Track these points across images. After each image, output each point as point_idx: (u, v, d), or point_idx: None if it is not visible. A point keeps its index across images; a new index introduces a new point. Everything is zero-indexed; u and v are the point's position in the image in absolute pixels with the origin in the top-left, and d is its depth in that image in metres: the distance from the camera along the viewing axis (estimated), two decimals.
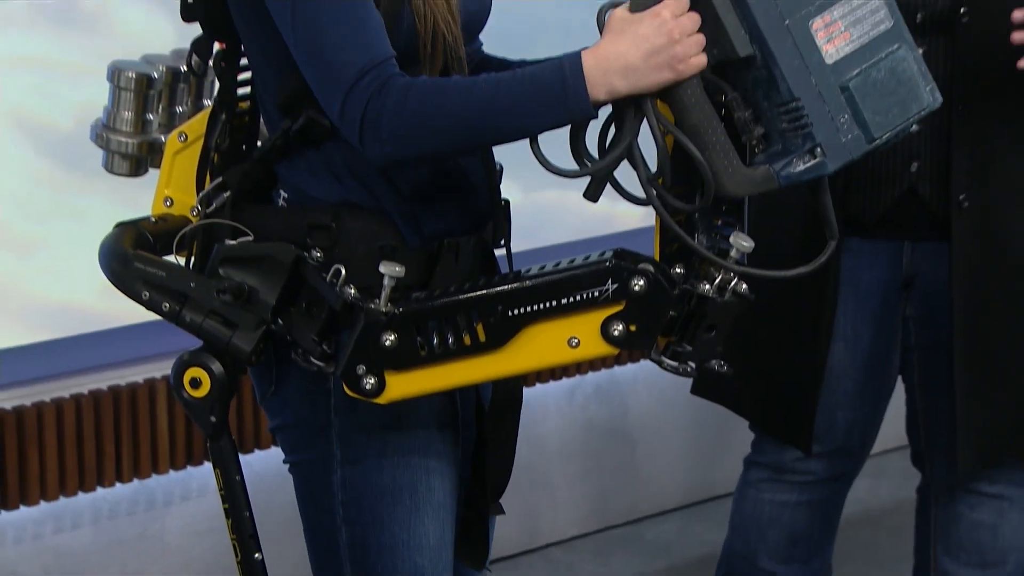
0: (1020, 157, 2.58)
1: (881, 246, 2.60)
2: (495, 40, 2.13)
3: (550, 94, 1.85)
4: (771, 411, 2.75)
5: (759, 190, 1.87)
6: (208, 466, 3.08)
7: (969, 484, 2.67)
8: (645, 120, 1.90)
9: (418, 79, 1.87)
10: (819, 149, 1.83)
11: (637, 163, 1.86)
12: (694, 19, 1.84)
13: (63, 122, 2.96)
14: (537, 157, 1.87)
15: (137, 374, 3.11)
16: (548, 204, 3.52)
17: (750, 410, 2.79)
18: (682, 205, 1.88)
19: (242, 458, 2.06)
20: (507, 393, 2.09)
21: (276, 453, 2.14)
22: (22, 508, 3.02)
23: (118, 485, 3.11)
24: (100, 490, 3.11)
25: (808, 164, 1.84)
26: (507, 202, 2.11)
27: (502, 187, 2.13)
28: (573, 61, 1.84)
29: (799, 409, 2.65)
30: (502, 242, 2.10)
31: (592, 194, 1.88)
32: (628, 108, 1.86)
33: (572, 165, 1.92)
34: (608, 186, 1.94)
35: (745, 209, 1.95)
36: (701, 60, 1.84)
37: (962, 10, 2.43)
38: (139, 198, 2.18)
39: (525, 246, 2.10)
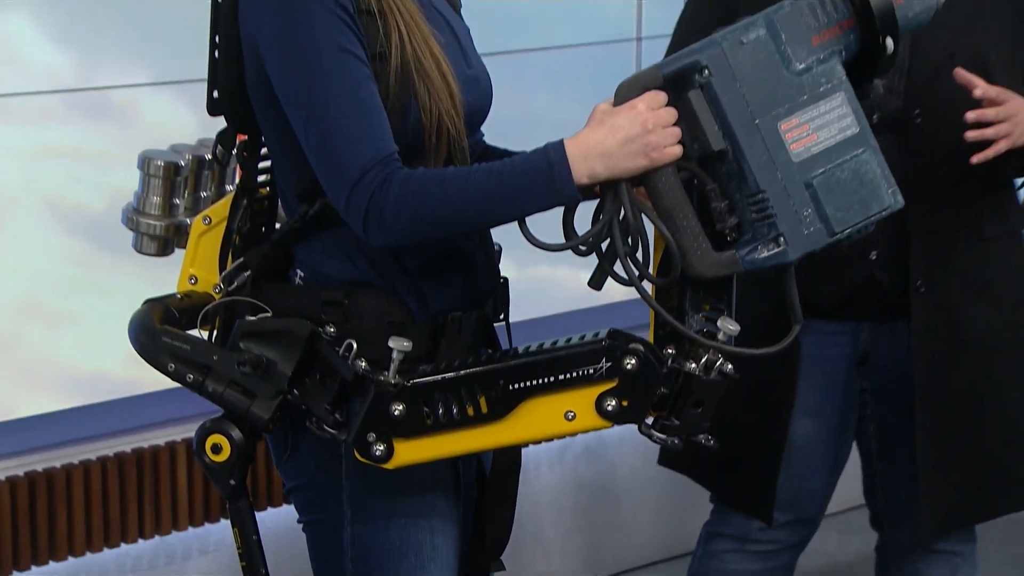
0: (974, 247, 2.56)
1: (840, 327, 2.59)
2: (494, 132, 2.14)
3: (538, 180, 1.86)
4: (734, 484, 2.69)
5: (724, 272, 1.87)
6: (225, 522, 3.11)
7: (926, 544, 2.66)
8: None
9: (417, 171, 1.87)
10: (782, 238, 1.83)
11: (616, 240, 1.86)
12: (671, 113, 1.85)
13: (94, 205, 2.95)
14: (524, 234, 1.88)
15: (159, 438, 3.11)
16: (540, 278, 3.52)
17: (713, 482, 2.74)
18: (653, 279, 1.89)
19: (256, 515, 2.05)
20: (507, 459, 2.07)
21: (289, 510, 2.14)
22: (51, 563, 3.01)
23: (140, 541, 3.10)
24: (124, 546, 3.10)
25: (771, 251, 1.84)
26: (506, 280, 2.11)
27: (500, 266, 2.13)
28: (557, 148, 1.85)
29: (762, 481, 2.61)
30: (501, 316, 2.10)
31: (595, 283, 1.90)
32: (608, 191, 1.86)
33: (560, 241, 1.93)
34: (597, 260, 1.92)
35: (733, 295, 1.93)
36: (675, 151, 1.85)
37: (916, 111, 2.44)
38: (165, 275, 2.19)
39: (519, 317, 2.12)
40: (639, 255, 1.92)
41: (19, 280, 2.91)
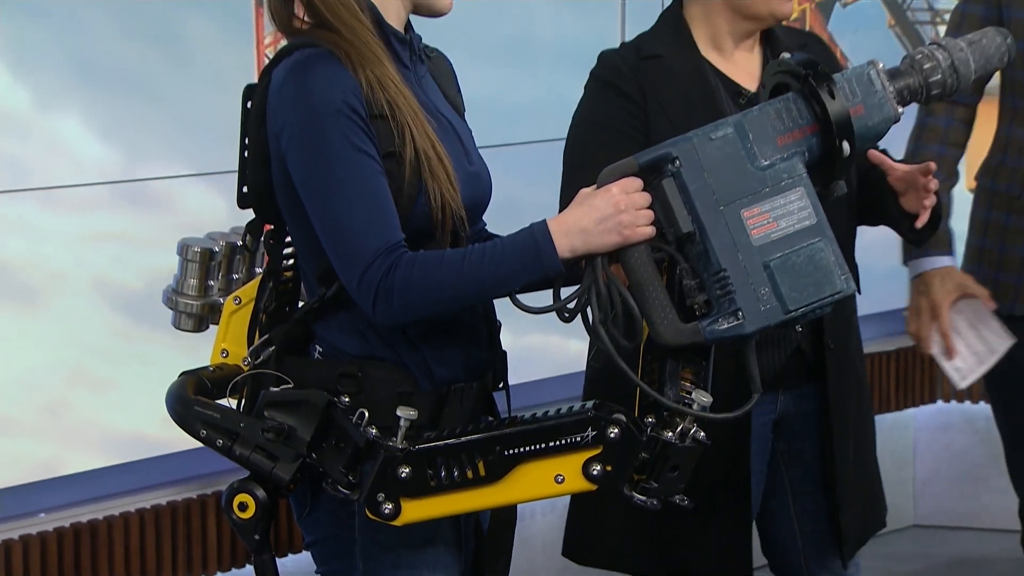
0: (855, 309, 2.57)
1: (766, 397, 2.50)
2: (491, 213, 2.14)
3: (527, 257, 1.87)
4: (706, 549, 2.52)
5: (687, 341, 1.86)
6: (250, 568, 3.12)
7: (837, 572, 2.62)
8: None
9: (419, 255, 1.88)
10: (740, 313, 1.83)
11: (593, 307, 1.86)
12: (644, 197, 1.87)
13: (135, 284, 2.94)
14: (512, 301, 1.89)
15: (191, 491, 3.09)
16: (534, 346, 3.52)
17: (656, 563, 2.54)
18: (624, 342, 1.87)
19: (278, 562, 2.03)
20: (504, 513, 2.05)
21: (308, 557, 2.11)
22: None
23: None
24: None
25: (730, 324, 1.84)
26: (505, 353, 2.10)
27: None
28: (541, 227, 1.87)
29: (737, 544, 2.52)
30: (500, 386, 2.09)
31: (594, 359, 1.93)
32: (588, 264, 1.88)
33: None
34: (583, 327, 1.90)
35: (709, 369, 1.93)
36: (646, 231, 1.86)
37: (843, 186, 2.40)
38: (199, 347, 2.19)
39: (515, 380, 2.13)
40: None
41: (68, 350, 2.92)
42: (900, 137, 2.96)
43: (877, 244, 2.80)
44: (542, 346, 3.55)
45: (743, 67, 2.53)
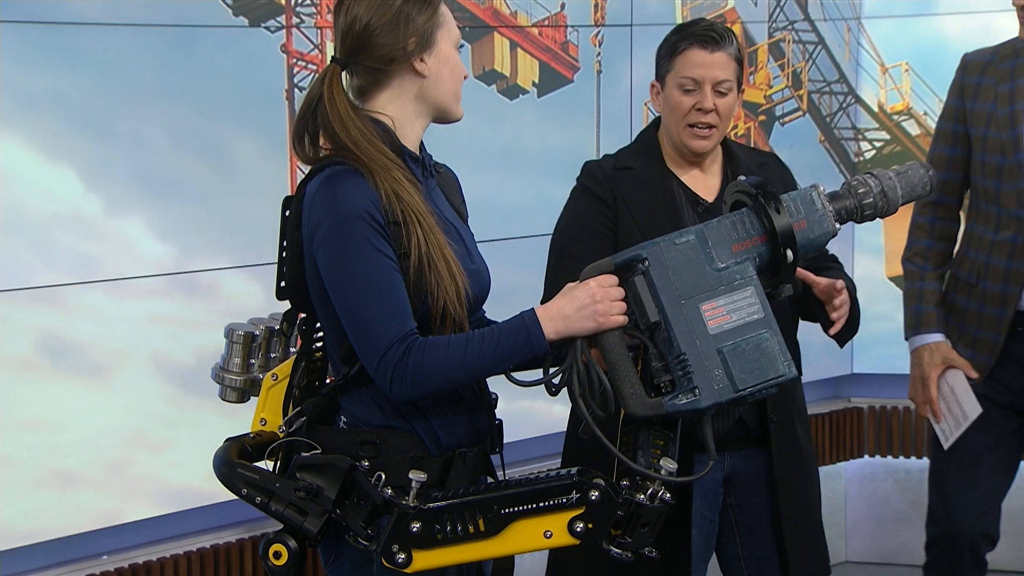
0: (796, 388, 2.56)
1: (719, 457, 2.50)
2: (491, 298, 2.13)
3: (519, 340, 1.88)
4: None
5: (651, 413, 1.86)
6: None
7: None
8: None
9: (429, 340, 1.87)
10: (697, 391, 1.84)
11: (572, 382, 1.87)
12: (618, 291, 1.88)
13: (186, 360, 2.95)
14: (507, 377, 1.91)
15: (232, 536, 3.08)
16: (522, 409, 3.46)
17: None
18: (598, 411, 1.87)
19: None
20: (502, 562, 2.03)
21: None
22: None
23: None
24: None
25: (688, 400, 1.84)
26: (501, 421, 2.08)
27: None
28: (530, 314, 1.89)
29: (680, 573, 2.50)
30: (497, 450, 2.08)
31: (583, 431, 1.88)
32: (569, 345, 1.89)
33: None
34: (567, 397, 1.91)
35: (676, 440, 1.91)
36: (618, 319, 1.87)
37: (768, 290, 2.36)
38: (240, 415, 2.19)
39: (507, 439, 2.09)
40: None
41: (129, 416, 2.90)
42: None
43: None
44: (530, 410, 3.50)
45: (702, 181, 2.54)
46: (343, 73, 1.99)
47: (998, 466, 2.82)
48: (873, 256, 4.12)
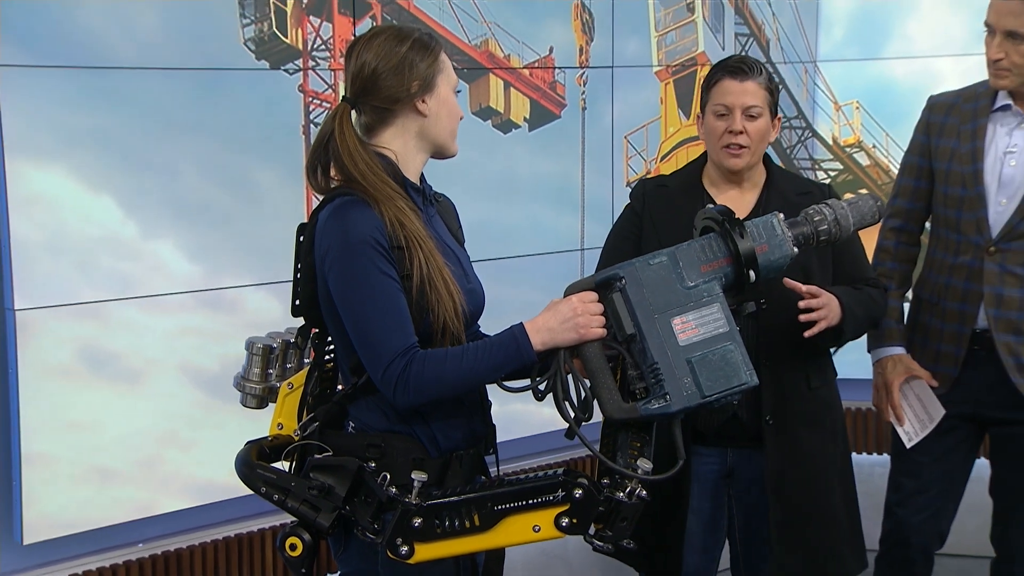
0: (803, 393, 2.52)
1: (715, 451, 2.53)
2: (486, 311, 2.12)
3: (509, 351, 1.88)
4: (657, 562, 2.57)
5: (626, 416, 1.85)
6: None
7: None
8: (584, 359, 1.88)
9: (428, 353, 1.87)
10: (668, 396, 1.83)
11: (556, 388, 1.87)
12: (597, 306, 1.88)
13: (212, 368, 2.94)
14: (499, 385, 1.91)
15: (253, 526, 3.07)
16: (515, 411, 3.42)
17: (636, 562, 2.61)
18: (580, 414, 1.87)
19: None
20: (495, 551, 2.03)
21: None
22: None
23: None
24: None
25: (659, 405, 1.84)
26: (494, 426, 2.07)
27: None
28: (519, 327, 1.89)
29: (671, 558, 2.54)
30: (491, 451, 2.07)
31: (569, 433, 1.88)
32: (553, 355, 1.89)
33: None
34: (554, 402, 1.89)
35: (652, 442, 1.90)
36: (597, 331, 1.86)
37: (763, 303, 2.38)
38: (259, 418, 2.19)
39: (501, 438, 2.11)
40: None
41: (161, 419, 2.89)
42: None
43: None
44: (524, 412, 3.46)
45: (736, 200, 2.51)
46: (352, 111, 1.99)
47: (951, 471, 2.79)
48: None
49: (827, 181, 4.16)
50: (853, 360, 3.12)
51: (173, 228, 2.89)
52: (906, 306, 2.88)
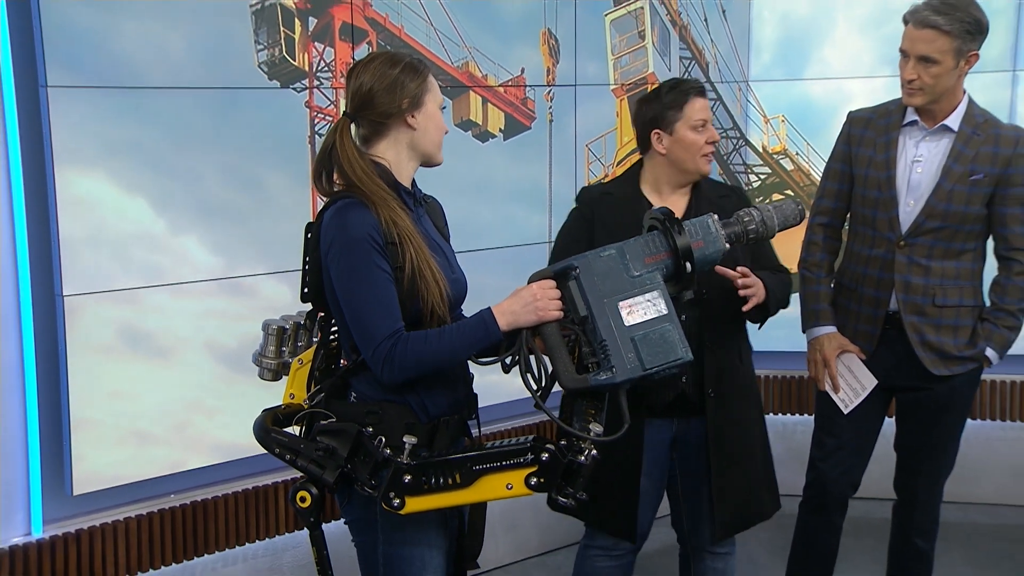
0: (737, 367, 2.53)
1: (664, 422, 2.52)
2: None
3: (479, 331, 1.87)
4: (611, 519, 2.55)
5: (579, 387, 1.83)
6: (302, 532, 3.03)
7: (713, 547, 2.61)
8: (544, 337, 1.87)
9: (411, 335, 1.86)
10: (614, 369, 1.81)
11: (522, 361, 1.86)
12: (555, 292, 1.86)
13: (232, 345, 2.93)
14: (472, 360, 1.90)
15: (268, 480, 3.08)
16: (492, 382, 3.40)
17: (591, 518, 2.58)
18: (535, 383, 1.84)
19: (325, 528, 2.00)
20: (478, 504, 2.03)
21: (347, 531, 2.09)
22: (205, 556, 2.99)
23: (258, 541, 3.08)
24: (255, 543, 3.07)
25: (607, 376, 1.82)
26: (476, 395, 2.08)
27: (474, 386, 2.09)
28: (487, 311, 1.87)
29: (629, 516, 2.53)
30: (474, 416, 2.07)
31: (536, 405, 1.85)
32: (518, 334, 1.87)
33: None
34: (528, 380, 1.88)
35: (604, 409, 1.88)
36: (555, 313, 1.85)
37: (704, 292, 2.42)
38: (273, 389, 2.19)
39: (481, 404, 2.11)
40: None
41: (189, 389, 2.89)
42: None
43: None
44: (499, 382, 3.44)
45: (672, 204, 2.51)
46: (352, 125, 1.97)
47: (865, 431, 2.80)
48: None
49: (757, 183, 4.17)
50: (783, 336, 3.16)
51: (197, 225, 2.89)
52: None
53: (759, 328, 2.61)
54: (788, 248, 2.98)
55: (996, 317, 2.66)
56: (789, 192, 4.14)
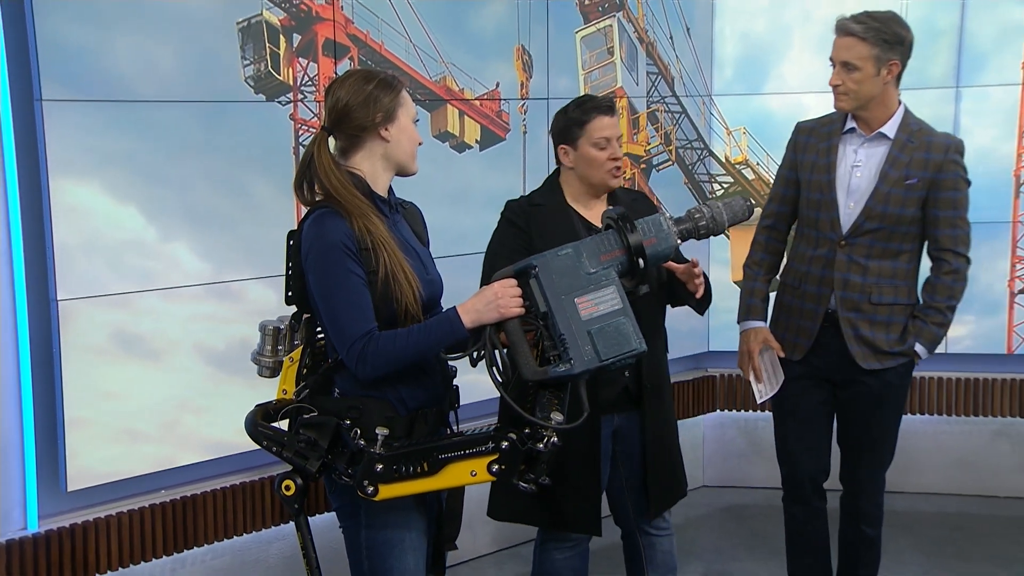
0: (664, 361, 2.57)
1: (608, 417, 2.52)
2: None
3: (446, 329, 1.87)
4: (571, 514, 2.50)
5: (540, 378, 1.82)
6: (288, 525, 3.04)
7: (658, 529, 2.64)
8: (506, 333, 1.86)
9: (383, 334, 1.87)
10: (572, 361, 1.81)
11: (487, 355, 1.85)
12: (516, 290, 1.86)
13: (220, 347, 2.94)
14: (440, 356, 1.89)
15: (254, 476, 3.08)
16: (469, 381, 3.42)
17: (544, 519, 2.54)
18: (500, 376, 1.83)
19: (311, 519, 2.00)
20: (454, 489, 2.04)
21: (332, 517, 2.11)
22: (195, 549, 2.96)
23: (245, 535, 3.07)
24: (240, 536, 3.05)
25: (566, 368, 1.82)
26: (457, 387, 2.08)
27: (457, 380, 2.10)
28: (452, 310, 1.88)
29: (590, 512, 2.51)
30: (456, 406, 2.06)
31: (502, 396, 1.85)
32: (482, 331, 1.87)
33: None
34: (497, 377, 1.87)
35: (566, 399, 1.88)
36: (516, 310, 1.85)
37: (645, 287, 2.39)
38: (258, 387, 2.20)
39: (465, 401, 2.14)
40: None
41: (178, 388, 2.89)
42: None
43: (683, 314, 2.73)
44: (474, 381, 3.45)
45: (595, 212, 2.53)
46: (330, 138, 1.99)
47: (822, 423, 2.85)
48: (722, 266, 4.15)
49: (720, 192, 4.19)
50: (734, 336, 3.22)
51: (187, 232, 2.89)
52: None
53: (701, 315, 2.60)
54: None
55: (926, 314, 2.72)
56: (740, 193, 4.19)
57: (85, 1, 2.67)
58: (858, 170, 2.70)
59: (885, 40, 2.59)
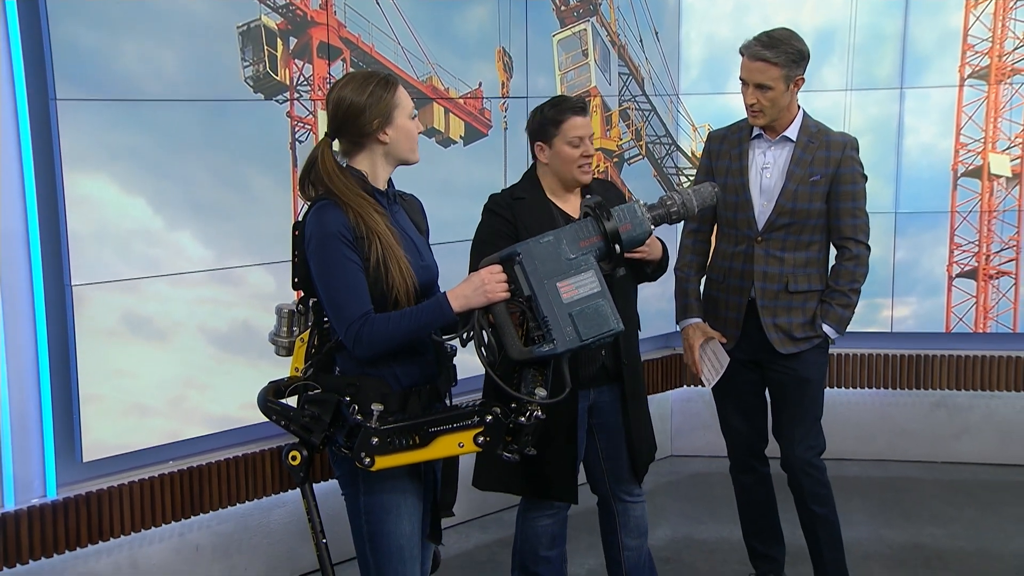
0: (636, 337, 2.60)
1: (585, 392, 2.53)
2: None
3: (436, 312, 1.88)
4: (551, 484, 2.51)
5: (524, 357, 1.83)
6: (293, 492, 3.06)
7: (632, 495, 2.64)
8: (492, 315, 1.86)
9: (377, 316, 1.87)
10: (554, 341, 1.82)
11: (476, 337, 1.85)
12: (502, 276, 1.86)
13: (223, 329, 2.95)
14: (431, 337, 1.88)
15: (257, 448, 3.09)
16: (463, 359, 3.47)
17: (525, 488, 2.55)
18: (486, 356, 1.82)
19: (316, 486, 1.99)
20: (449, 459, 2.03)
21: (334, 484, 2.10)
22: (201, 515, 3.00)
23: (247, 502, 3.09)
24: (244, 504, 3.08)
25: (549, 348, 1.83)
26: (454, 367, 2.05)
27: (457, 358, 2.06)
28: (442, 295, 1.88)
29: (568, 481, 2.52)
30: (454, 383, 2.04)
31: (488, 374, 1.84)
32: (471, 314, 1.87)
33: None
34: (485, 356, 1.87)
35: (549, 376, 1.88)
36: (502, 295, 1.85)
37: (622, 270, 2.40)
38: (260, 365, 2.23)
39: (461, 377, 2.11)
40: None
41: (183, 367, 2.90)
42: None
43: (653, 298, 2.79)
44: (468, 360, 3.47)
45: (571, 205, 2.55)
46: (333, 141, 2.01)
47: (756, 400, 2.92)
48: None
49: (687, 184, 4.22)
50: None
51: (191, 222, 2.89)
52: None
53: (654, 282, 2.60)
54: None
55: (831, 297, 2.79)
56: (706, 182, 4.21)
57: (97, 7, 2.69)
58: (768, 171, 2.76)
59: (792, 60, 2.67)
